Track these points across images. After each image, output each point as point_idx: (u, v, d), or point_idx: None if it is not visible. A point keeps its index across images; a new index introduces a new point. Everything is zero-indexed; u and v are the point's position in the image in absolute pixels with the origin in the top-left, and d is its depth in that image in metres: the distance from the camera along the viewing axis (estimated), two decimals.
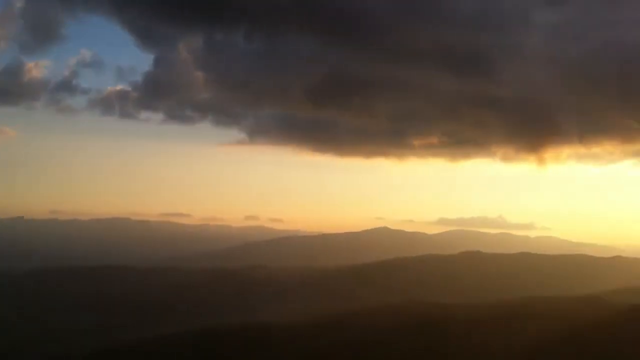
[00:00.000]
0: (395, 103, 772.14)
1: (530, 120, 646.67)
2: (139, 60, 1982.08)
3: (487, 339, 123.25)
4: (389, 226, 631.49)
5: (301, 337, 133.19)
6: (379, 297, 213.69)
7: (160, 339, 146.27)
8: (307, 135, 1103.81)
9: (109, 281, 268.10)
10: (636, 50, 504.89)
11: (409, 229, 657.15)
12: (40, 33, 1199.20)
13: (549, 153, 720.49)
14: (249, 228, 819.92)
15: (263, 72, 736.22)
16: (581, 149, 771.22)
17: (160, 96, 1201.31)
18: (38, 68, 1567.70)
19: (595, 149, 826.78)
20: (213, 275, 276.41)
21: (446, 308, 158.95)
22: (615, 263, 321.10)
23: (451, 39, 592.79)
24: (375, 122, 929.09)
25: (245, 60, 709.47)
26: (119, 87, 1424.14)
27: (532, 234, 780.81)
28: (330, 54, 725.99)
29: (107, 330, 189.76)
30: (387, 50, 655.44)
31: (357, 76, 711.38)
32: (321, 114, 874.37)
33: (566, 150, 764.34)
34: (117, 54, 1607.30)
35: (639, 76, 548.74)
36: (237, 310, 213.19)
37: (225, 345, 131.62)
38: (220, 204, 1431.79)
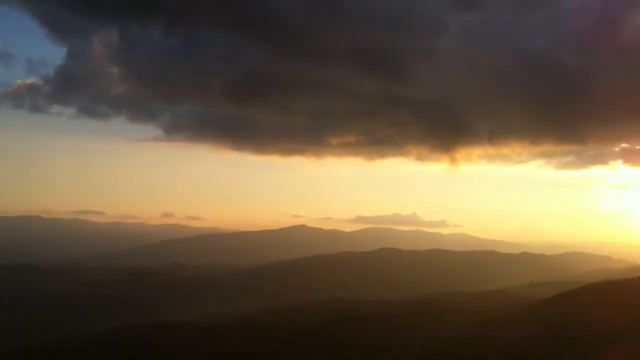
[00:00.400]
0: (314, 102, 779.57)
1: (444, 121, 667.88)
2: (51, 53, 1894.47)
3: (404, 333, 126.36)
4: (307, 224, 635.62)
5: (215, 339, 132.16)
6: (296, 295, 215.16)
7: (72, 339, 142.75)
8: (225, 133, 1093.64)
9: (20, 280, 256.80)
10: (542, 55, 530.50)
11: (326, 226, 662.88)
12: None
13: (461, 153, 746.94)
14: (165, 226, 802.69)
15: (180, 68, 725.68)
16: (491, 150, 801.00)
17: (73, 90, 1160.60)
18: None
19: (505, 150, 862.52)
20: (128, 274, 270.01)
21: (364, 305, 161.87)
22: (522, 259, 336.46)
23: (368, 40, 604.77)
24: (293, 120, 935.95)
25: (162, 55, 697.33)
26: (30, 80, 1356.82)
27: (445, 231, 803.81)
28: (249, 51, 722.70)
29: (19, 330, 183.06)
30: (306, 50, 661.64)
31: (276, 74, 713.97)
32: (239, 111, 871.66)
33: (477, 151, 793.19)
34: (27, 46, 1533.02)
35: (545, 80, 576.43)
36: (151, 309, 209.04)
37: (137, 346, 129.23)
38: (136, 202, 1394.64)
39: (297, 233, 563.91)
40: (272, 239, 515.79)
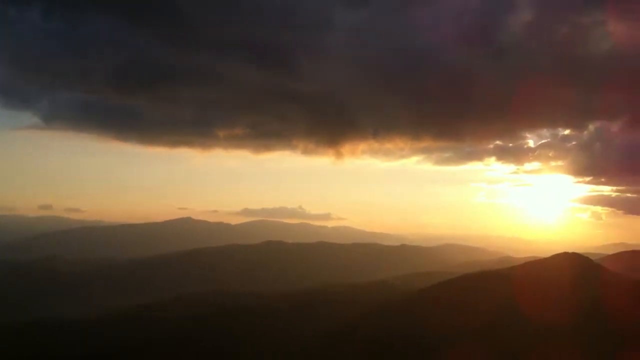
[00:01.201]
0: (201, 93, 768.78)
1: (330, 116, 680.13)
2: None
3: (287, 325, 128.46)
4: (192, 217, 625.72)
5: (96, 333, 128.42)
6: (180, 289, 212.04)
7: None
8: (109, 122, 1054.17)
9: None
10: (424, 53, 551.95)
11: (212, 219, 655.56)
12: None
13: (346, 148, 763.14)
14: (43, 218, 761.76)
15: (61, 53, 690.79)
16: (375, 145, 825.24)
17: None
18: None
19: (388, 145, 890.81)
20: (8, 269, 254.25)
21: (247, 297, 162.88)
22: (402, 251, 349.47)
23: (258, 33, 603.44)
24: (180, 111, 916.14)
25: (41, 39, 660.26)
26: None
27: (329, 224, 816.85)
28: (134, 39, 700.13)
29: None
30: (195, 40, 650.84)
31: (163, 64, 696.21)
32: (124, 100, 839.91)
33: (361, 146, 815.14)
34: None
35: (426, 78, 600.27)
36: (31, 305, 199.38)
37: (16, 344, 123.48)
38: (10, 193, 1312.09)
39: (182, 226, 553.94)
40: (156, 232, 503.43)
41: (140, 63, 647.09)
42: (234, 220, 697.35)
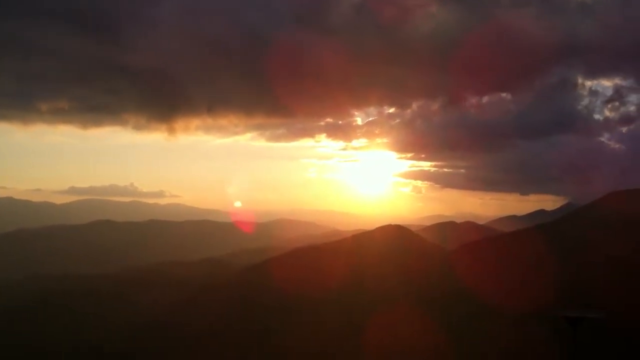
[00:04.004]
0: (20, 64, 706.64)
1: (162, 91, 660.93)
2: None
3: (113, 305, 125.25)
4: (13, 196, 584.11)
5: None
6: None
7: None
8: None
9: None
10: (258, 30, 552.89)
11: (36, 199, 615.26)
12: None
13: (179, 123, 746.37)
14: None
15: None
16: (209, 121, 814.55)
17: None
18: None
19: (222, 121, 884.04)
20: None
21: (69, 279, 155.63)
22: (235, 228, 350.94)
23: (82, 2, 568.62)
24: None
25: None
26: None
27: (162, 201, 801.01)
28: None
29: None
30: (13, 7, 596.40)
31: None
32: None
33: (195, 121, 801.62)
34: None
35: (259, 55, 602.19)
36: None
37: None
38: None
39: (1, 206, 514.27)
40: None
41: None
42: (60, 200, 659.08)
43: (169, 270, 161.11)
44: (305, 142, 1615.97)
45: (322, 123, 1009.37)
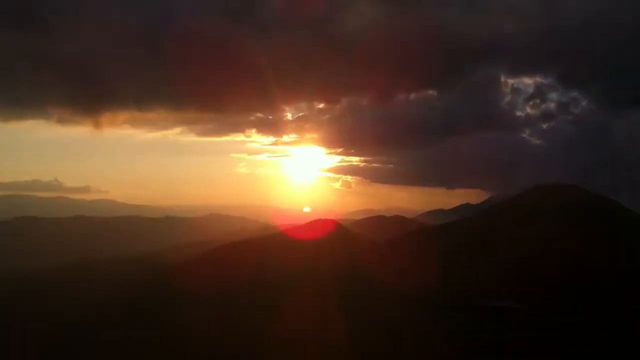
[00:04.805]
0: None
1: (88, 83, 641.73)
2: None
3: (37, 304, 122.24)
4: None
5: None
6: None
7: None
8: None
9: None
10: (189, 22, 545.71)
11: None
12: None
13: (106, 117, 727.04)
14: None
15: None
16: (137, 114, 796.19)
17: None
18: None
19: (150, 115, 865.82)
20: None
21: None
22: (166, 223, 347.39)
23: None
24: None
25: None
26: None
27: (89, 197, 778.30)
28: None
29: None
30: None
31: None
32: None
33: (122, 115, 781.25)
34: None
35: (190, 48, 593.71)
36: None
37: None
38: None
39: None
40: None
41: None
42: None
43: (97, 268, 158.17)
44: (235, 137, 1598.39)
45: (253, 118, 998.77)
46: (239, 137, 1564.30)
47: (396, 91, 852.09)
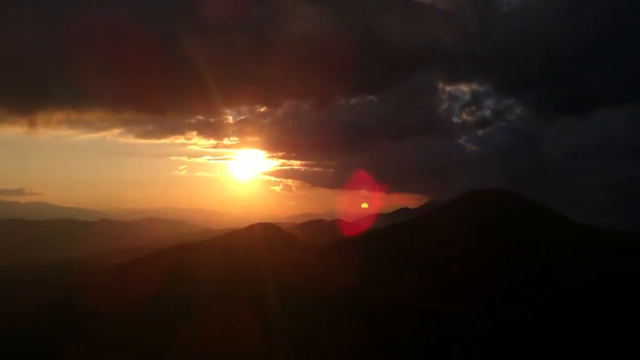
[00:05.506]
0: None
1: (22, 83, 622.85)
2: None
3: None
4: None
5: None
6: None
7: None
8: None
9: None
10: (128, 22, 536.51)
11: None
12: None
13: (41, 117, 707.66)
14: None
15: None
16: (73, 115, 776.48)
17: None
18: None
19: (87, 116, 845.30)
20: None
21: None
22: (102, 226, 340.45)
23: None
24: None
25: None
26: None
27: (22, 199, 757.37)
28: None
29: None
30: None
31: None
32: None
33: (58, 116, 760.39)
34: None
35: (124, 47, 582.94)
36: None
37: None
38: None
39: None
40: None
41: None
42: None
43: (30, 273, 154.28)
44: (175, 140, 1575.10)
45: (193, 120, 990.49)
46: (179, 139, 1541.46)
47: (337, 96, 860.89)
